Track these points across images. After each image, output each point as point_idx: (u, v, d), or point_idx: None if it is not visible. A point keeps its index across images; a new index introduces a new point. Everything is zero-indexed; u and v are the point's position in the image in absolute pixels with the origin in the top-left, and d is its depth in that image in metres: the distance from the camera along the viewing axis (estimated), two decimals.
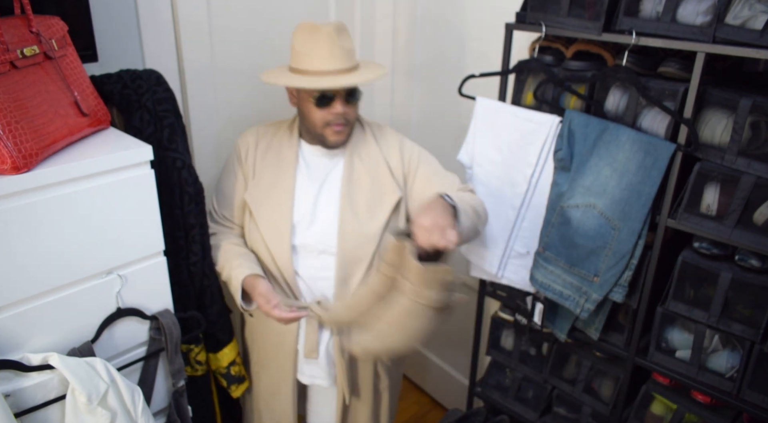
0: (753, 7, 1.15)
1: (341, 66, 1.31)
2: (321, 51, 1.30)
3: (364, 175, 1.43)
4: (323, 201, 1.43)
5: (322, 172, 1.45)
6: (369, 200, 1.42)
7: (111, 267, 1.16)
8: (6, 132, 0.96)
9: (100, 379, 1.07)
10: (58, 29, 1.14)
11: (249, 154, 1.48)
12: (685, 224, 1.31)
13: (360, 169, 1.44)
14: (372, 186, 1.43)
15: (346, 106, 1.35)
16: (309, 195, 1.44)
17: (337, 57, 1.31)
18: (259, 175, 1.45)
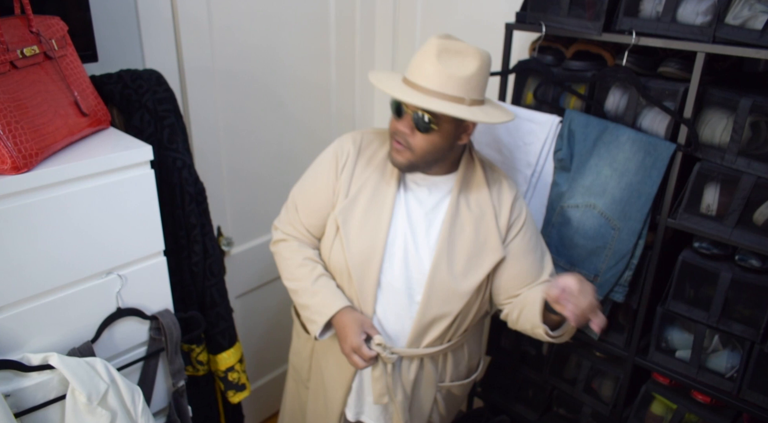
0: (753, 7, 1.15)
1: (435, 87, 1.12)
2: (427, 66, 1.13)
3: (468, 223, 1.26)
4: (420, 241, 1.27)
5: (424, 206, 1.28)
6: (469, 254, 1.25)
7: (111, 267, 1.16)
8: (6, 132, 0.96)
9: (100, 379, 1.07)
10: (58, 29, 1.14)
11: (347, 166, 1.30)
12: (685, 224, 1.31)
13: (465, 214, 1.26)
14: (475, 238, 1.25)
15: (409, 127, 1.17)
16: (405, 229, 1.27)
17: (439, 78, 1.12)
18: (355, 193, 1.28)
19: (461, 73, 1.12)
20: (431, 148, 1.19)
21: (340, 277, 1.30)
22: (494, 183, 1.30)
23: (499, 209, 1.28)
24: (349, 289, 1.28)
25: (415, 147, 1.18)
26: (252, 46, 1.83)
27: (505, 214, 1.28)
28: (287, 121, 2.03)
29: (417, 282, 1.26)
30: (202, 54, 1.70)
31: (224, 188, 1.89)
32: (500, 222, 1.27)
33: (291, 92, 2.00)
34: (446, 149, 1.21)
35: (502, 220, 1.27)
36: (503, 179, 1.32)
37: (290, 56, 1.95)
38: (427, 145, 1.18)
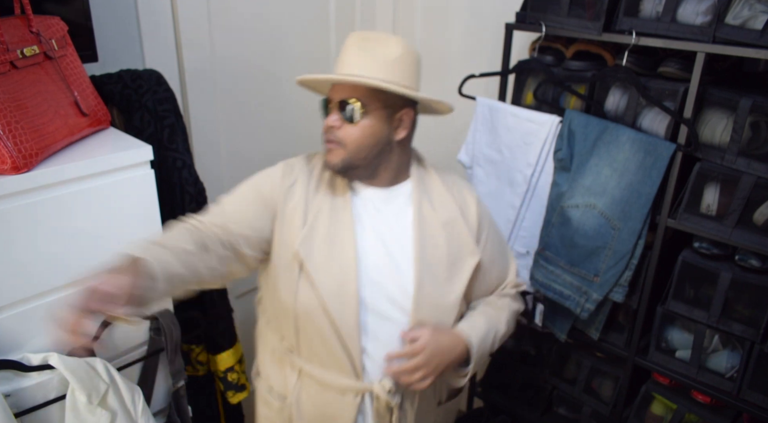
0: (753, 7, 1.15)
1: (358, 71, 1.04)
2: (348, 56, 1.07)
3: (438, 227, 1.14)
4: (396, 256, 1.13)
5: (386, 219, 1.15)
6: (447, 261, 1.13)
7: None
8: (6, 132, 0.96)
9: (100, 379, 1.07)
10: (58, 29, 1.14)
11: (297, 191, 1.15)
12: (685, 224, 1.31)
13: (433, 219, 1.14)
14: (449, 242, 1.14)
15: (337, 119, 1.07)
16: (375, 247, 1.13)
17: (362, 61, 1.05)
18: (313, 220, 1.11)
19: (384, 56, 1.06)
20: (364, 140, 1.08)
21: (315, 318, 1.10)
22: (453, 186, 1.21)
23: (466, 210, 1.19)
24: (330, 328, 1.09)
25: (345, 140, 1.08)
26: (252, 46, 1.83)
27: (473, 215, 1.19)
28: (287, 121, 2.03)
29: (402, 301, 1.11)
30: (202, 54, 1.70)
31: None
32: (469, 223, 1.18)
33: (291, 92, 2.00)
34: (381, 143, 1.10)
35: (471, 221, 1.18)
36: (461, 182, 1.24)
37: (290, 56, 1.95)
38: (359, 136, 1.07)
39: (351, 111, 1.06)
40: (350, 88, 1.06)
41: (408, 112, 1.13)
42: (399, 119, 1.12)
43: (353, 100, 1.06)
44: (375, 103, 1.07)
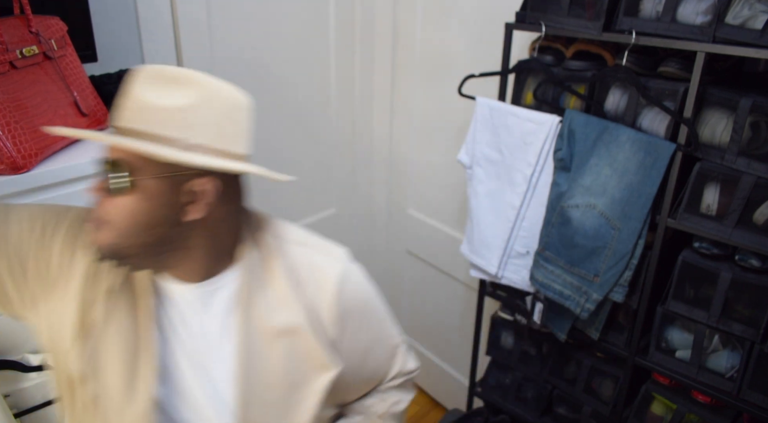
0: (753, 6, 1.15)
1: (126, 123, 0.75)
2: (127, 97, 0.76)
3: (271, 340, 0.85)
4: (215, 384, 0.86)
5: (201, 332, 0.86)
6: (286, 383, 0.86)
7: None
8: (5, 132, 0.96)
9: None
10: (58, 29, 1.14)
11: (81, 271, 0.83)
12: (685, 224, 1.31)
13: (265, 329, 0.85)
14: (288, 358, 0.86)
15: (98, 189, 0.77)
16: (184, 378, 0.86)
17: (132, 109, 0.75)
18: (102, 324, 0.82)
19: (169, 103, 0.74)
20: (134, 221, 0.75)
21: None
22: (302, 267, 0.89)
23: (316, 308, 0.87)
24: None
25: (109, 219, 0.76)
26: (252, 47, 1.83)
27: (327, 312, 0.88)
28: (287, 121, 2.03)
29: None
30: (201, 54, 1.70)
31: None
32: (321, 326, 0.88)
33: (291, 92, 2.00)
34: (163, 226, 0.77)
35: (323, 322, 0.88)
36: (318, 258, 0.90)
37: (290, 57, 1.95)
38: (125, 214, 0.75)
39: (113, 179, 0.74)
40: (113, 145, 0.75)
41: (207, 182, 0.77)
42: (189, 192, 0.77)
43: (114, 162, 0.74)
44: (150, 169, 0.74)
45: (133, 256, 0.78)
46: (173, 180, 0.76)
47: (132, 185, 0.74)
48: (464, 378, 2.36)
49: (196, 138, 0.75)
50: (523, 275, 1.61)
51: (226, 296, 0.86)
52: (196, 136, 0.75)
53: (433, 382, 2.57)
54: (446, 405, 2.52)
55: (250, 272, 0.85)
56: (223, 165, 0.76)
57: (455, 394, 2.43)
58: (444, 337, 2.44)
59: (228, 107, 0.79)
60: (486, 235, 1.66)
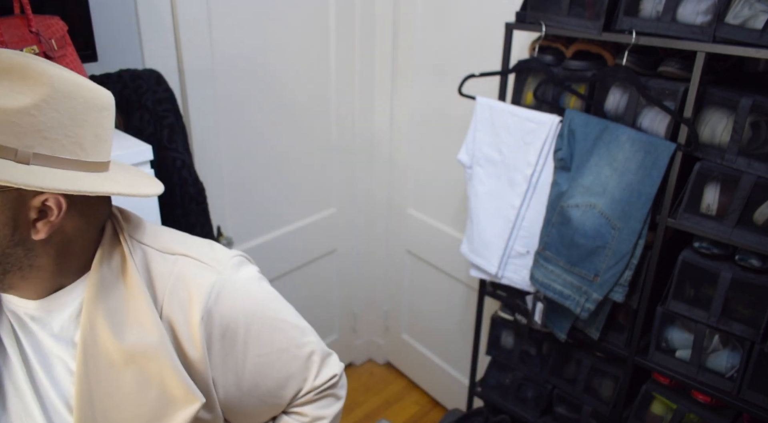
0: (753, 6, 1.15)
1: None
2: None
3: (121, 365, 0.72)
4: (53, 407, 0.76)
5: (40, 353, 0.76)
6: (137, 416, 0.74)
7: None
8: None
9: None
10: (58, 29, 1.14)
11: None
12: (685, 224, 1.31)
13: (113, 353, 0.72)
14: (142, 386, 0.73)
15: None
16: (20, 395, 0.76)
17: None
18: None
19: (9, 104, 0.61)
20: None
21: None
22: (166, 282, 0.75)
23: (179, 327, 0.75)
24: None
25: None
26: (252, 47, 1.83)
27: (193, 332, 0.75)
28: (287, 121, 2.03)
29: None
30: (201, 54, 1.70)
31: (224, 188, 1.89)
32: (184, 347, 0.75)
33: (291, 92, 2.00)
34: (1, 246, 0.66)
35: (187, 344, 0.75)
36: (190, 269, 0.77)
37: (290, 56, 1.95)
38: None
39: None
40: None
41: (50, 198, 0.66)
42: (37, 209, 0.66)
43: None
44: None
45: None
46: (8, 196, 0.64)
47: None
48: (464, 378, 2.36)
49: (38, 147, 0.63)
50: (523, 275, 1.61)
51: (70, 312, 0.74)
52: (39, 145, 0.63)
53: (433, 382, 2.57)
54: (446, 405, 2.52)
55: (100, 286, 0.72)
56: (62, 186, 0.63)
57: (455, 394, 2.43)
58: (444, 337, 2.44)
59: (82, 108, 0.66)
60: (486, 235, 1.66)
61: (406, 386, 2.65)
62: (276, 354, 0.82)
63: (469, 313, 2.25)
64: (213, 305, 0.75)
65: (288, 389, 0.85)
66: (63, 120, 0.64)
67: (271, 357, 0.82)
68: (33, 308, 0.73)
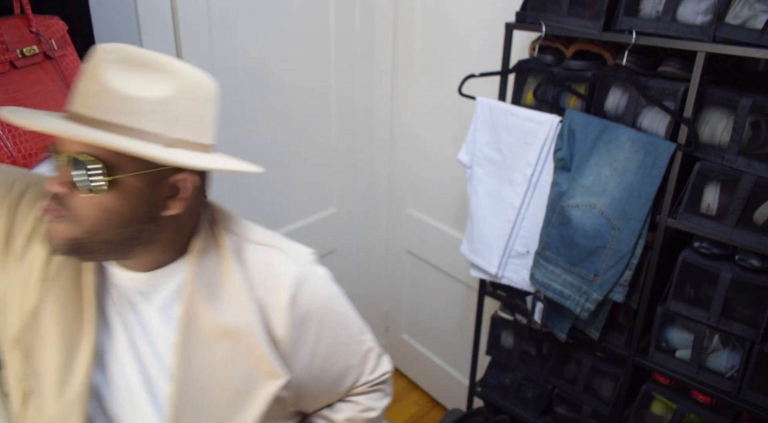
0: (753, 6, 1.15)
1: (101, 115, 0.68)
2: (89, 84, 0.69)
3: (216, 339, 0.79)
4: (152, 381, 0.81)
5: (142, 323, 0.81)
6: (229, 387, 0.79)
7: None
8: (5, 132, 0.96)
9: None
10: (58, 29, 1.14)
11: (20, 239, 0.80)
12: (685, 224, 1.31)
13: (210, 327, 0.78)
14: (233, 360, 0.79)
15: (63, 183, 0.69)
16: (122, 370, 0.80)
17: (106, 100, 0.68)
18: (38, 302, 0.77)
19: (147, 94, 0.69)
20: (107, 220, 0.71)
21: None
22: (259, 266, 0.83)
23: (270, 307, 0.82)
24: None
25: (76, 215, 0.70)
26: (252, 47, 1.83)
27: (282, 314, 0.82)
28: (287, 121, 2.03)
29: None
30: (202, 54, 1.70)
31: (224, 188, 1.90)
32: (273, 326, 0.82)
33: (291, 92, 2.00)
34: (138, 223, 0.73)
35: (277, 323, 0.82)
36: (277, 258, 0.84)
37: (290, 56, 1.95)
38: (98, 212, 0.70)
39: (88, 176, 0.67)
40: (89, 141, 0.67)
41: (187, 177, 0.74)
42: (172, 186, 0.74)
43: (91, 159, 0.67)
44: (130, 165, 0.69)
45: (95, 252, 0.73)
46: (153, 176, 0.72)
47: (111, 183, 0.69)
48: (464, 378, 2.36)
49: (176, 132, 0.71)
50: (523, 275, 1.61)
51: (171, 288, 0.80)
52: (177, 131, 0.71)
53: (433, 382, 2.57)
54: (446, 405, 2.52)
55: (200, 266, 0.79)
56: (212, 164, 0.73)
57: (455, 394, 2.43)
58: (444, 337, 2.44)
59: (204, 98, 0.75)
60: (486, 235, 1.66)
61: (406, 386, 2.65)
62: (341, 346, 0.91)
63: (469, 313, 2.25)
64: (296, 293, 0.83)
65: (347, 379, 0.93)
66: (192, 108, 0.73)
67: (337, 348, 0.90)
68: (140, 280, 0.80)
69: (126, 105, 0.68)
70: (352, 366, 0.93)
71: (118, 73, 0.69)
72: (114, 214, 0.71)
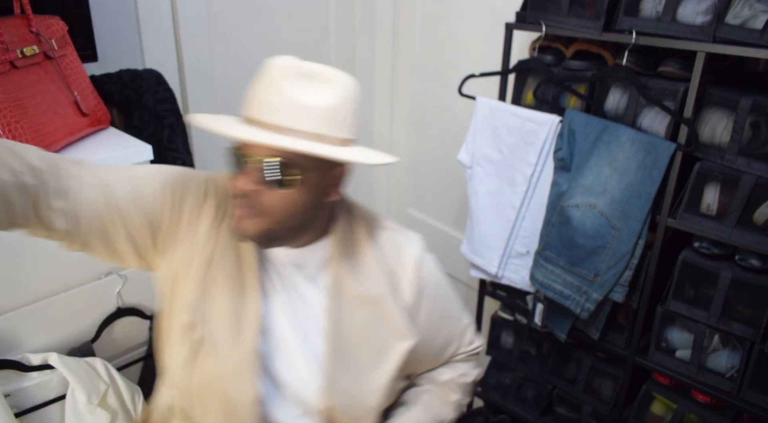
0: (753, 6, 1.15)
1: (287, 123, 0.80)
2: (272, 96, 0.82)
3: (358, 305, 0.94)
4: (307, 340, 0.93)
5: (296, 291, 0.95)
6: (370, 346, 0.94)
7: (111, 267, 1.16)
8: (6, 132, 0.96)
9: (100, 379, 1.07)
10: (58, 29, 1.14)
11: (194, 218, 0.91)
12: (685, 224, 1.31)
13: (352, 293, 0.94)
14: (372, 323, 0.94)
15: (257, 182, 0.82)
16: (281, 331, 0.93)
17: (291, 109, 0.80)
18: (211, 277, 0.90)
19: (321, 102, 0.82)
20: (293, 210, 0.85)
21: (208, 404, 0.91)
22: (387, 246, 0.98)
23: (397, 281, 0.97)
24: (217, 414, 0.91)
25: (268, 209, 0.83)
26: (252, 46, 1.83)
27: (407, 287, 0.97)
28: None
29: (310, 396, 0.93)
30: (201, 54, 1.70)
31: None
32: (401, 298, 0.97)
33: None
34: (313, 210, 0.88)
35: (403, 296, 0.97)
36: (400, 239, 1.00)
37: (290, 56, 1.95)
38: (287, 205, 0.84)
39: (280, 176, 0.81)
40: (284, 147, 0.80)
41: (343, 168, 0.89)
42: (334, 178, 0.89)
43: (283, 161, 0.80)
44: (309, 164, 0.82)
45: (280, 239, 0.88)
46: (324, 170, 0.86)
47: (294, 180, 0.82)
48: None
49: (342, 133, 0.84)
50: (523, 275, 1.61)
51: (318, 263, 0.95)
52: (343, 131, 0.84)
53: None
54: None
55: (340, 243, 0.95)
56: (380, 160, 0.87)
57: None
58: None
59: (356, 100, 0.87)
60: (486, 235, 1.66)
61: None
62: (447, 319, 1.06)
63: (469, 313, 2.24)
64: (419, 271, 0.98)
65: (449, 348, 1.09)
66: (350, 110, 0.85)
67: (444, 320, 1.05)
68: (294, 256, 0.93)
69: (306, 113, 0.81)
70: (454, 337, 1.08)
71: (295, 85, 0.82)
72: (299, 206, 0.85)
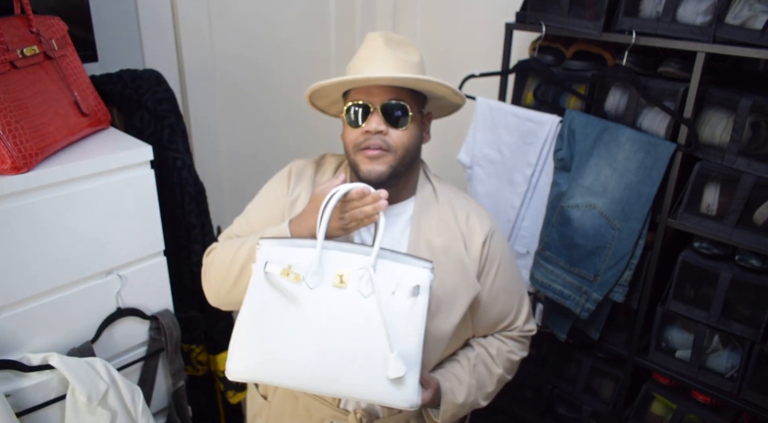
0: (753, 6, 1.15)
1: (397, 73, 1.01)
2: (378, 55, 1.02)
3: (435, 253, 1.07)
4: None
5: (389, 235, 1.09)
6: (443, 291, 1.06)
7: (111, 267, 1.16)
8: (6, 132, 0.96)
9: (100, 379, 1.07)
10: (58, 29, 1.14)
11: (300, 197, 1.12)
12: (685, 224, 1.31)
13: (432, 245, 1.08)
14: (446, 271, 1.06)
15: (385, 123, 1.01)
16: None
17: (397, 63, 1.01)
18: None
19: (412, 59, 1.04)
20: (411, 145, 1.04)
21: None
22: (461, 208, 1.12)
23: (470, 240, 1.10)
24: None
25: (395, 145, 1.02)
26: (252, 47, 1.83)
27: (476, 249, 1.10)
28: (287, 121, 2.03)
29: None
30: (201, 54, 1.70)
31: (224, 188, 1.90)
32: (471, 253, 1.10)
33: (291, 92, 2.00)
34: (418, 149, 1.08)
35: (473, 252, 1.10)
36: (476, 209, 1.14)
37: (290, 56, 1.95)
38: (407, 141, 1.03)
39: (401, 114, 1.01)
40: (393, 91, 1.01)
41: (430, 114, 1.12)
42: (427, 119, 1.11)
43: (402, 102, 1.01)
44: (415, 106, 1.04)
45: (399, 176, 1.04)
46: (422, 114, 1.08)
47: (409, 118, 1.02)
48: None
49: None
50: (523, 275, 1.61)
51: (405, 218, 1.09)
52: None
53: None
54: None
55: (423, 203, 1.10)
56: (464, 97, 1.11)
57: None
58: None
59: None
60: None
61: None
62: (506, 290, 1.15)
63: None
64: (488, 240, 1.11)
65: (504, 321, 1.17)
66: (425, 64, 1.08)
67: (505, 289, 1.15)
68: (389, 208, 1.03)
69: (408, 66, 1.03)
70: (511, 308, 1.17)
71: (395, 49, 1.03)
72: (414, 141, 1.04)
